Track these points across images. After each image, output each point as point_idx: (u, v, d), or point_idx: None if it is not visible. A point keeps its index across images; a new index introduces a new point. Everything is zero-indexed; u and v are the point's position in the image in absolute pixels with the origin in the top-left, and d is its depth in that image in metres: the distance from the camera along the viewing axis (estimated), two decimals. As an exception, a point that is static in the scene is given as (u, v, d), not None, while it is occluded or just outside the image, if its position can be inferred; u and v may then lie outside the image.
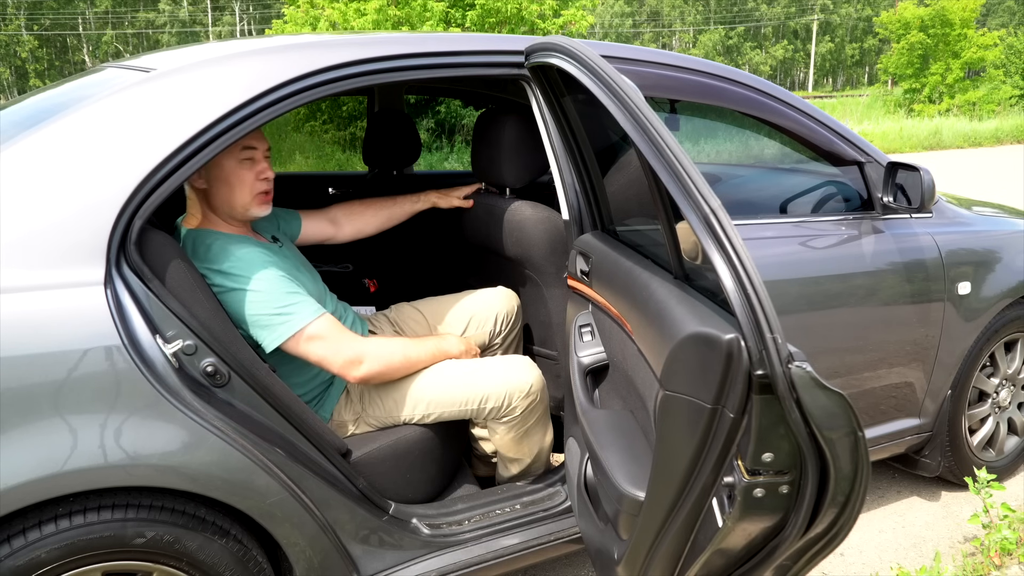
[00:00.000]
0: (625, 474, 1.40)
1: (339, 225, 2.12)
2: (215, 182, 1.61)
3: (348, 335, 1.61)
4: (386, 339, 1.73)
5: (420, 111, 11.43)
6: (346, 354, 1.59)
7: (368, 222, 2.16)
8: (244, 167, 1.62)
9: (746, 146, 3.44)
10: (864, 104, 23.84)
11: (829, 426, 1.02)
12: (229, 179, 1.61)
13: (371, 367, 1.62)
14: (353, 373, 1.61)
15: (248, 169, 1.63)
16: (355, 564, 1.54)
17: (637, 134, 1.23)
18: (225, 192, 1.62)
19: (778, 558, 1.19)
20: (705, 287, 1.30)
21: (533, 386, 1.76)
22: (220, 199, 1.63)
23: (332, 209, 2.13)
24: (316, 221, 2.08)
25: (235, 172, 1.61)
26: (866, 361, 2.08)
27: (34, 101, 1.70)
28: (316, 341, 1.56)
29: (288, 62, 1.48)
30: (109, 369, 1.23)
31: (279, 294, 1.53)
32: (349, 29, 9.74)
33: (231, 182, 1.61)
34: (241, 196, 1.63)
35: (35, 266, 1.22)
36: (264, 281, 1.53)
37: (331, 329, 1.58)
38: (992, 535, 2.03)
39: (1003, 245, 2.33)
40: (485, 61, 1.73)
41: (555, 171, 1.78)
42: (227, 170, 1.60)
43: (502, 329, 2.07)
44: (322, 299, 1.77)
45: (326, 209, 2.13)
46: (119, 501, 1.28)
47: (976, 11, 21.30)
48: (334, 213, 2.13)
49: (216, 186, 1.61)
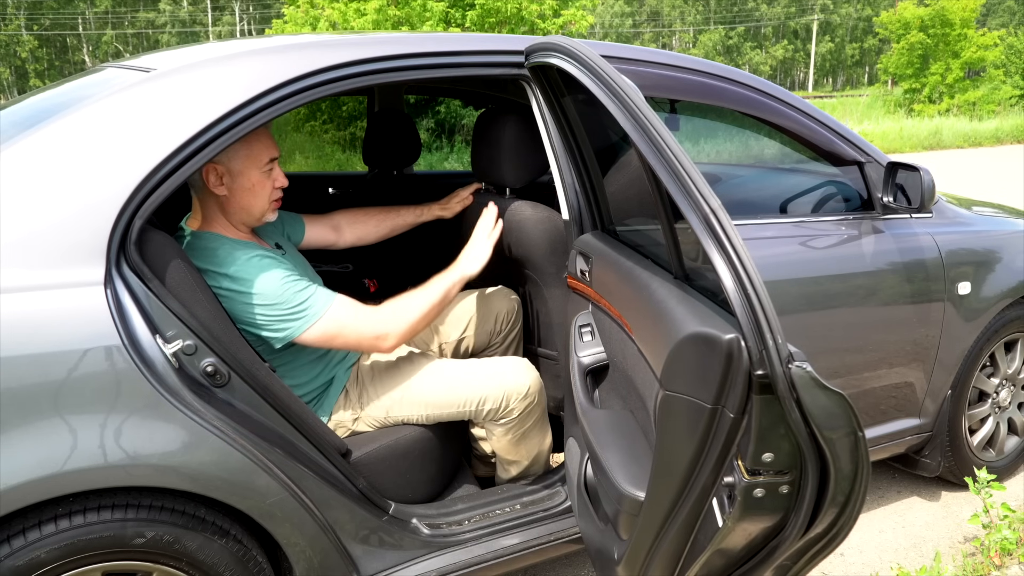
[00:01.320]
0: (625, 474, 1.40)
1: (341, 232, 2.14)
2: (239, 191, 1.62)
3: (363, 316, 1.61)
4: (399, 301, 1.70)
5: (420, 111, 11.43)
6: (367, 334, 1.60)
7: (370, 231, 2.18)
8: (266, 176, 1.65)
9: (746, 146, 3.44)
10: (864, 104, 23.85)
11: (829, 426, 1.03)
12: (255, 188, 1.63)
13: (397, 335, 1.63)
14: (383, 346, 1.63)
15: (268, 178, 1.66)
16: (355, 564, 1.54)
17: (637, 134, 1.23)
18: (247, 200, 1.63)
19: (778, 558, 1.19)
20: (705, 287, 1.30)
21: (531, 388, 1.76)
22: (239, 206, 1.64)
23: (335, 215, 2.15)
24: (319, 227, 2.10)
25: (260, 182, 1.64)
26: (866, 361, 2.08)
27: (34, 101, 1.70)
28: (334, 334, 1.58)
29: (288, 62, 1.48)
30: (109, 369, 1.23)
31: (290, 294, 1.54)
32: (349, 29, 9.74)
33: (256, 191, 1.63)
34: (261, 203, 1.65)
35: (35, 266, 1.22)
36: (273, 283, 1.53)
37: (346, 317, 1.59)
38: (992, 535, 2.03)
39: (1003, 245, 2.33)
40: (485, 61, 1.73)
41: (555, 171, 1.78)
42: (253, 180, 1.63)
43: (502, 328, 2.07)
44: None
45: (329, 215, 2.14)
46: (119, 501, 1.28)
47: (976, 11, 21.30)
48: (337, 220, 2.14)
49: (239, 194, 1.63)
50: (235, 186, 1.62)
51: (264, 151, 1.63)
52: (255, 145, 1.61)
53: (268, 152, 1.64)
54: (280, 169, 1.69)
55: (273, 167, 1.67)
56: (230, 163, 1.59)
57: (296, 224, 2.04)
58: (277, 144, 1.70)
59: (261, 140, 1.62)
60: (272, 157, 1.65)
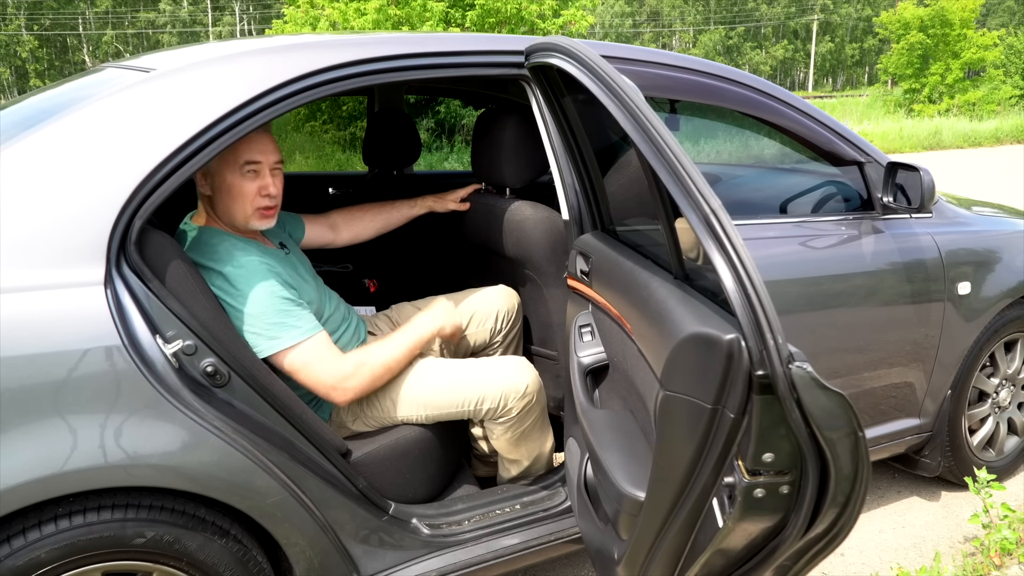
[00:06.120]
0: (625, 474, 1.40)
1: (338, 230, 2.15)
2: (217, 191, 1.61)
3: (330, 362, 1.58)
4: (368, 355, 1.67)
5: (420, 111, 11.43)
6: (327, 380, 1.58)
7: (365, 227, 2.18)
8: (246, 179, 1.60)
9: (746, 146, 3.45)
10: (864, 104, 23.86)
11: (829, 426, 1.02)
12: (230, 190, 1.59)
13: (354, 390, 1.62)
14: (336, 398, 1.60)
15: (250, 182, 1.60)
16: (355, 564, 1.54)
17: (637, 134, 1.23)
18: (226, 202, 1.61)
19: (778, 558, 1.19)
20: (705, 287, 1.30)
21: (529, 387, 1.76)
22: (222, 208, 1.62)
23: (332, 215, 2.15)
24: (317, 226, 2.11)
25: (236, 184, 1.59)
26: (866, 361, 2.08)
27: (34, 101, 1.70)
28: (297, 368, 1.55)
29: (288, 62, 1.48)
30: (109, 369, 1.23)
31: (271, 312, 1.52)
32: (349, 29, 9.74)
33: (232, 193, 1.60)
34: (241, 208, 1.61)
35: (35, 266, 1.22)
36: (260, 294, 1.52)
37: (314, 356, 1.56)
38: (992, 535, 2.03)
39: (1003, 245, 2.33)
40: (485, 61, 1.73)
41: (555, 171, 1.78)
42: (228, 181, 1.59)
43: (502, 327, 2.07)
44: (323, 304, 1.78)
45: (326, 214, 2.14)
46: (119, 501, 1.28)
47: (976, 11, 21.31)
48: (333, 219, 2.15)
49: (218, 195, 1.61)
50: (215, 186, 1.60)
51: (243, 152, 1.57)
52: (234, 145, 1.50)
53: (248, 153, 1.57)
54: (271, 177, 1.62)
55: (258, 170, 1.60)
56: (210, 162, 1.51)
57: (296, 223, 2.05)
58: (276, 149, 1.64)
59: (243, 140, 1.53)
60: (251, 159, 1.58)
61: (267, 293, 1.53)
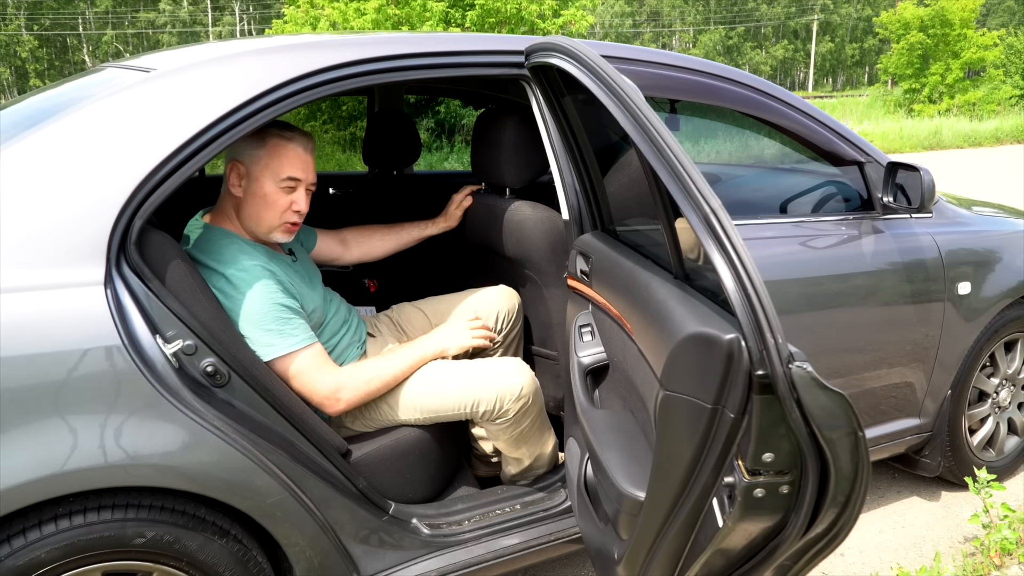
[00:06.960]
0: (625, 474, 1.40)
1: (348, 247, 2.17)
2: (252, 197, 1.63)
3: (325, 372, 1.60)
4: (365, 368, 1.70)
5: (420, 111, 11.43)
6: (320, 390, 1.59)
7: (375, 246, 2.21)
8: (282, 193, 1.64)
9: (746, 146, 3.45)
10: (864, 104, 23.87)
11: (829, 426, 1.02)
12: (266, 199, 1.63)
13: (348, 402, 1.63)
14: (329, 408, 1.62)
15: (286, 195, 1.65)
16: (355, 564, 1.54)
17: (637, 134, 1.23)
18: (258, 208, 1.64)
19: (778, 558, 1.19)
20: (705, 287, 1.30)
21: (524, 388, 1.75)
22: (249, 212, 1.64)
23: (344, 231, 2.18)
24: (329, 241, 2.13)
25: (272, 194, 1.63)
26: (866, 361, 2.08)
27: (34, 101, 1.70)
28: (291, 375, 1.56)
29: (288, 62, 1.48)
30: (109, 369, 1.23)
31: (268, 318, 1.53)
32: (349, 29, 9.74)
33: (267, 202, 1.63)
34: (270, 219, 1.64)
35: (35, 266, 1.22)
36: (259, 300, 1.53)
37: (308, 365, 1.57)
38: (992, 535, 2.03)
39: (1003, 245, 2.33)
40: (485, 61, 1.73)
41: (555, 171, 1.78)
42: (266, 189, 1.62)
43: (503, 327, 2.07)
44: (326, 310, 1.79)
45: (339, 231, 2.17)
46: (119, 501, 1.28)
47: (976, 11, 21.33)
48: (345, 235, 2.18)
49: (251, 200, 1.63)
50: (250, 191, 1.63)
51: (288, 166, 1.63)
52: (281, 158, 1.62)
53: (291, 169, 1.63)
54: (304, 195, 1.68)
55: (295, 187, 1.65)
56: (251, 167, 1.61)
57: (309, 234, 2.07)
58: (314, 171, 1.69)
59: (288, 156, 1.62)
60: (293, 176, 1.64)
61: (266, 299, 1.54)
